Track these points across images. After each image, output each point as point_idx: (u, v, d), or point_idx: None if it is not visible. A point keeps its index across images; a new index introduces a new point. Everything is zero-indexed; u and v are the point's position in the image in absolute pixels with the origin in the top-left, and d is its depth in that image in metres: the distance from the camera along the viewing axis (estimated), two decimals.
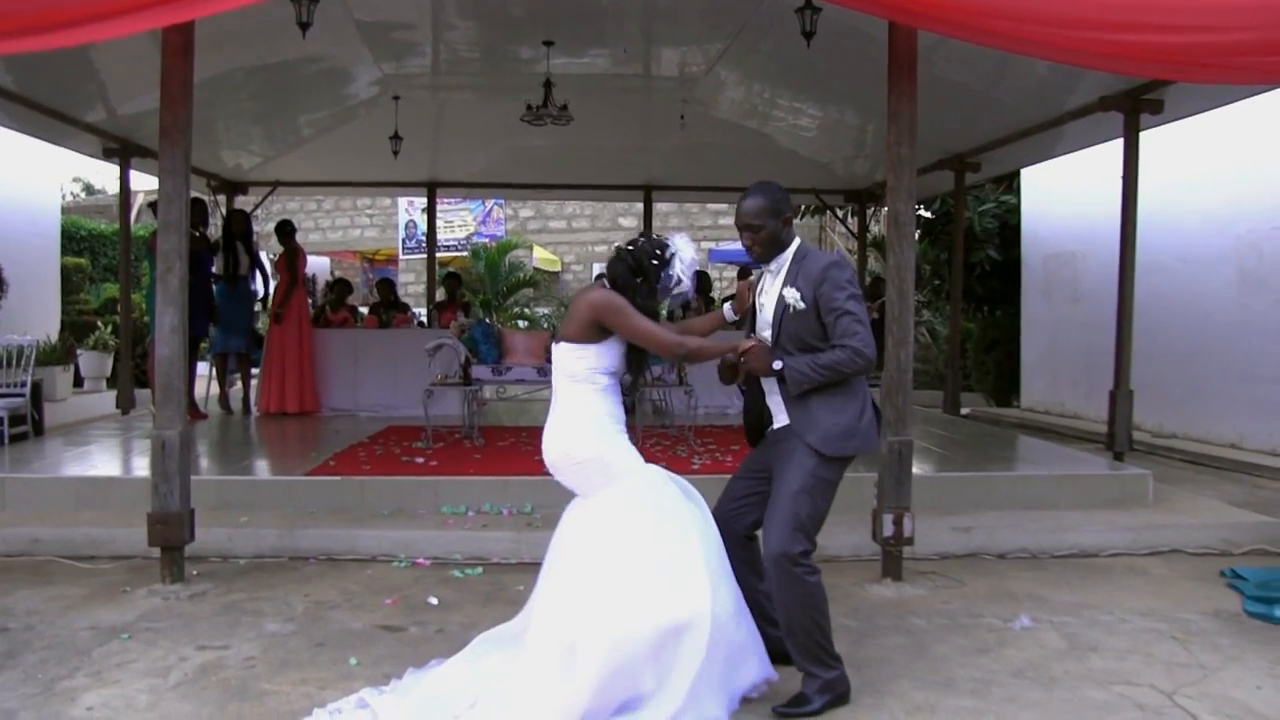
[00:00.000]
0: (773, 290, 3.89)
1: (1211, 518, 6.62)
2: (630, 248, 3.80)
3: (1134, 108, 8.04)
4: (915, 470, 5.65)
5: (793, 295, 3.77)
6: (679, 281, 3.81)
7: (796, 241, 3.90)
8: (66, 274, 14.36)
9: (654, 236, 3.90)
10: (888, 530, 5.31)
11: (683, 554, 3.47)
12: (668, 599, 3.38)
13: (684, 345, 3.67)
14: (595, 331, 3.63)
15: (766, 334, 3.88)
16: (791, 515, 3.64)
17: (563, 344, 3.70)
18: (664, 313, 4.02)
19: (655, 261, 3.75)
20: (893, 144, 5.36)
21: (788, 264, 3.86)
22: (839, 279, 3.73)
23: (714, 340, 3.82)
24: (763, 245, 3.87)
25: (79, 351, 12.52)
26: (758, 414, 3.99)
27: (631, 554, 3.44)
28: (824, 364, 3.68)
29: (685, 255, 3.82)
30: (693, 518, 3.58)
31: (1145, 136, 8.18)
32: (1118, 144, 8.43)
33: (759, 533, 3.88)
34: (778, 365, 3.71)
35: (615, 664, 3.32)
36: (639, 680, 3.37)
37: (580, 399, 3.66)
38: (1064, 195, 13.05)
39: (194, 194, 11.53)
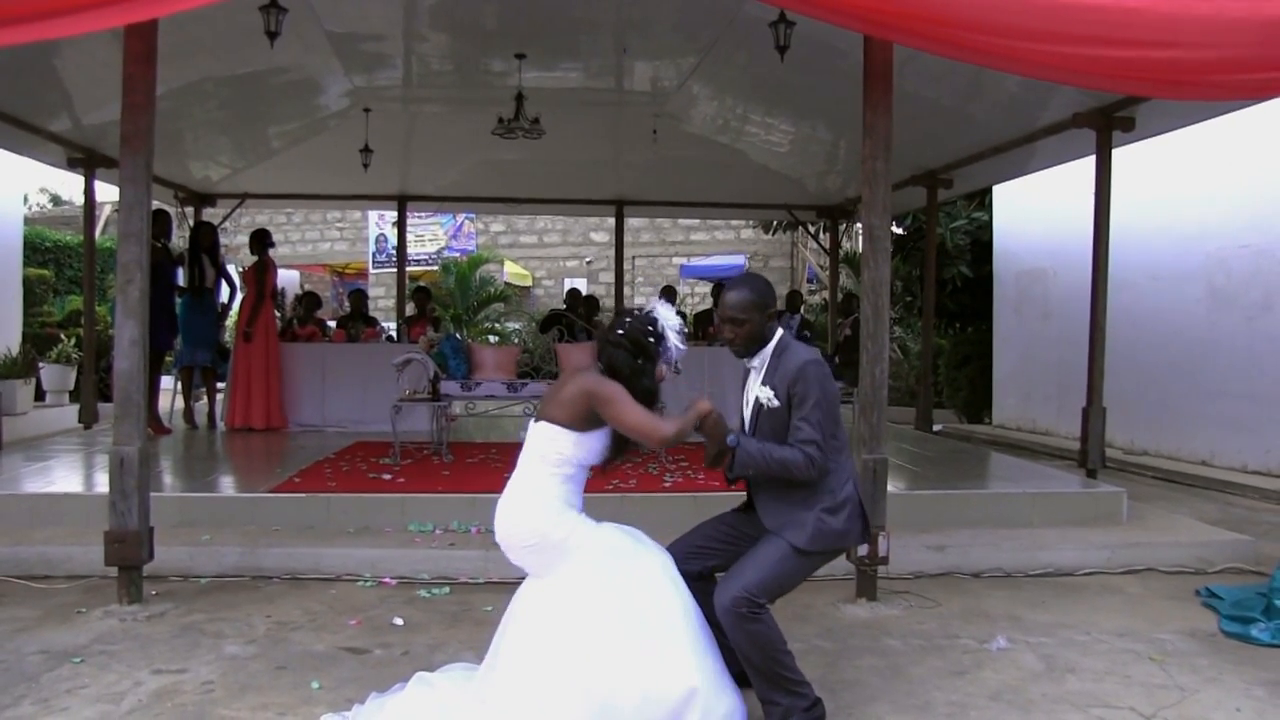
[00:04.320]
0: (752, 387, 3.82)
1: (1185, 536, 6.59)
2: (621, 332, 3.65)
3: (1106, 125, 8.07)
4: (888, 487, 5.58)
5: (766, 394, 3.71)
6: (677, 351, 3.71)
7: (778, 335, 3.82)
8: (29, 285, 14.12)
9: (636, 313, 3.75)
10: (862, 550, 5.23)
11: (662, 624, 3.39)
12: (654, 676, 3.31)
13: (667, 434, 3.48)
14: (584, 419, 3.49)
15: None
16: (753, 580, 3.54)
17: (543, 424, 3.55)
18: None
19: (651, 339, 3.64)
20: (868, 158, 5.32)
21: (768, 360, 3.78)
22: (814, 381, 3.64)
23: (687, 415, 3.59)
24: (744, 341, 3.78)
25: (41, 364, 12.30)
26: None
27: (595, 638, 3.34)
28: (777, 458, 3.60)
29: (672, 322, 3.72)
30: (651, 578, 3.48)
31: (1116, 154, 8.21)
32: (1089, 161, 8.46)
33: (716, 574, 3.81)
34: (731, 440, 3.59)
35: None
36: None
37: (540, 481, 3.51)
38: (1036, 212, 13.10)
39: (158, 205, 11.41)
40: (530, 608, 3.48)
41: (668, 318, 3.71)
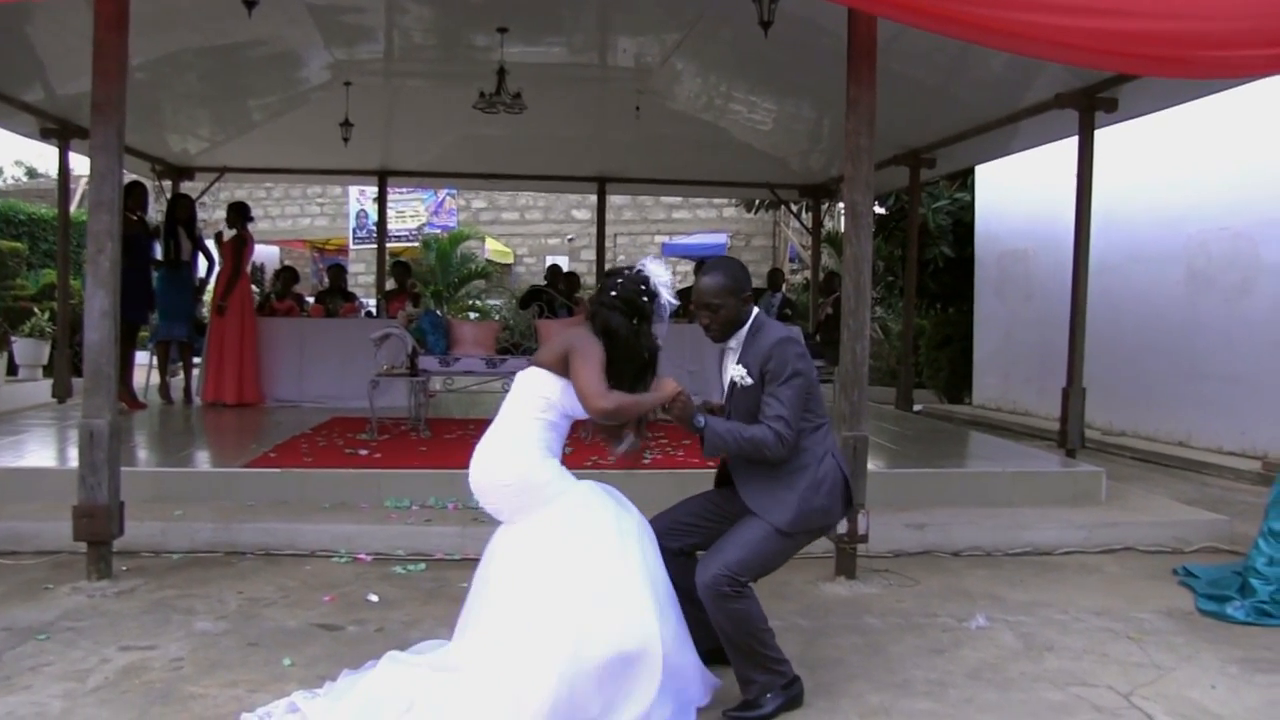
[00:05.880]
0: (728, 367, 3.80)
1: (1163, 515, 6.60)
2: (614, 294, 3.58)
3: (1089, 105, 8.05)
4: (869, 466, 5.56)
5: (740, 372, 3.68)
6: (670, 306, 3.65)
7: (753, 314, 3.78)
8: (2, 259, 13.93)
9: (627, 273, 3.68)
10: (842, 528, 5.21)
11: (624, 577, 3.33)
12: (613, 626, 3.24)
13: (604, 407, 3.36)
14: (567, 368, 3.46)
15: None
16: (734, 559, 3.51)
17: (534, 369, 3.53)
18: None
19: (646, 298, 3.59)
20: (851, 133, 5.26)
21: (743, 340, 3.75)
22: (786, 358, 3.60)
23: (642, 395, 3.55)
24: (721, 325, 3.74)
25: (14, 339, 12.15)
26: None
27: (569, 580, 3.29)
28: (747, 437, 3.56)
29: (663, 277, 3.65)
30: (629, 534, 3.43)
31: (1098, 136, 8.17)
32: (1070, 143, 8.44)
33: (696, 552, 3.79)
34: (700, 422, 3.55)
35: (560, 694, 3.16)
36: (586, 710, 3.22)
37: (522, 426, 3.48)
38: (1017, 193, 13.10)
39: (135, 177, 11.27)
40: (503, 566, 3.43)
41: (659, 274, 3.65)
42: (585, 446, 7.40)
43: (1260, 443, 9.26)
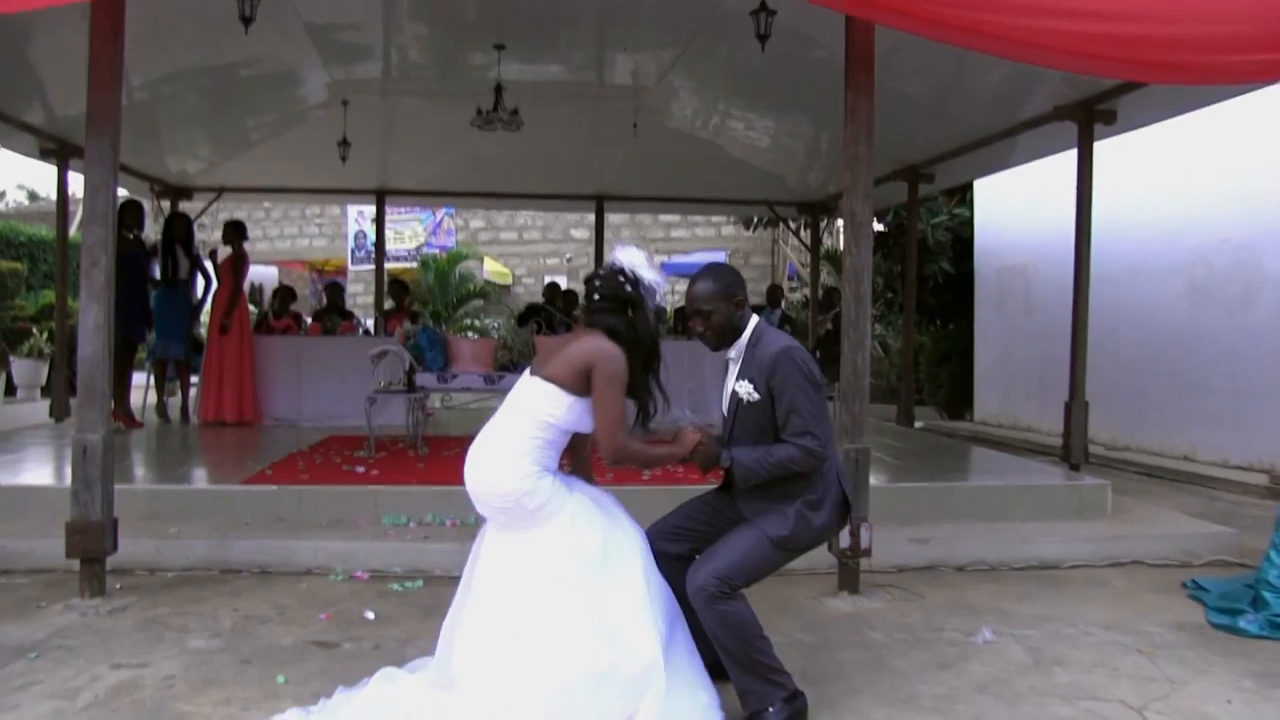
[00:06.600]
0: (729, 380, 3.73)
1: (1170, 529, 6.54)
2: (598, 297, 3.54)
3: (1088, 118, 8.01)
4: (871, 480, 5.49)
5: (745, 388, 3.62)
6: (657, 284, 3.60)
7: (752, 324, 3.72)
8: (1, 279, 13.89)
9: (600, 271, 3.63)
10: (844, 541, 5.13)
11: (623, 598, 3.28)
12: (613, 650, 3.20)
13: (623, 450, 3.37)
14: (583, 383, 3.37)
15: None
16: (726, 563, 3.45)
17: (538, 380, 3.45)
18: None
19: (629, 287, 3.53)
20: (850, 142, 5.22)
21: (744, 351, 3.69)
22: (792, 368, 3.54)
23: (660, 445, 3.54)
24: (715, 332, 3.68)
25: (12, 359, 12.10)
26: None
27: (562, 604, 3.24)
28: (775, 462, 3.51)
29: (636, 259, 3.60)
30: (625, 552, 3.37)
31: (1097, 148, 8.13)
32: (1069, 157, 8.40)
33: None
34: (726, 460, 3.53)
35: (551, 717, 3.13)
36: None
37: (519, 441, 3.39)
38: (1016, 208, 13.07)
39: (133, 196, 11.23)
40: (494, 581, 3.37)
41: (632, 259, 3.59)
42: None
43: (1267, 456, 9.20)
